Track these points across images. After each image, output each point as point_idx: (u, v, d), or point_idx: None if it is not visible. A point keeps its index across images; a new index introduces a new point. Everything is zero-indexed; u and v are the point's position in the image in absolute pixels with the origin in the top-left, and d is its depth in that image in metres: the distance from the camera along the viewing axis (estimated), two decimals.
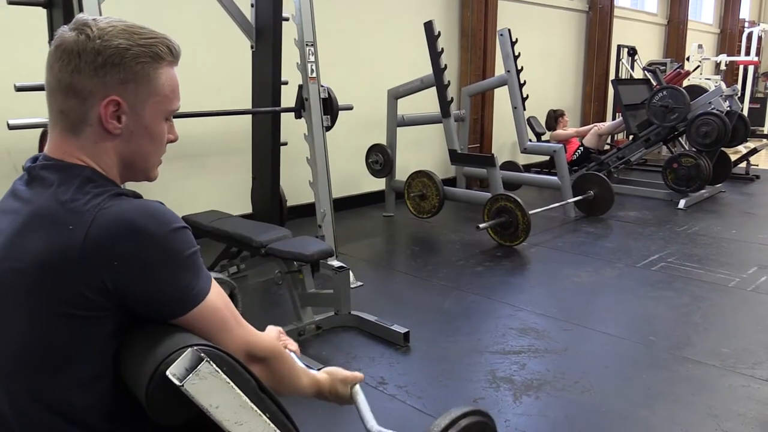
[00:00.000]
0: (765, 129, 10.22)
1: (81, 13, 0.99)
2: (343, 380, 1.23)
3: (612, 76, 8.17)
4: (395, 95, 5.02)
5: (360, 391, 1.25)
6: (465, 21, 6.20)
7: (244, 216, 3.59)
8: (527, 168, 6.51)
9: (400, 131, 5.14)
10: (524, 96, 5.34)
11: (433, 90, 4.59)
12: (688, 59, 9.20)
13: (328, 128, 3.52)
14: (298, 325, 2.79)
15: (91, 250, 0.86)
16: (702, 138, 5.54)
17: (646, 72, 7.07)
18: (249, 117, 3.87)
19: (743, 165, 6.93)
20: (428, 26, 4.43)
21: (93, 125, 0.95)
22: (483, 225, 4.20)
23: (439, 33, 4.41)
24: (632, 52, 8.40)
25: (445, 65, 4.47)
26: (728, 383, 2.42)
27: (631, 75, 8.31)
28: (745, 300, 3.34)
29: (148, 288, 0.90)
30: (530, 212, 4.18)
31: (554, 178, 5.29)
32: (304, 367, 1.18)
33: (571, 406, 2.27)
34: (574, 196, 5.13)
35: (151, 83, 0.96)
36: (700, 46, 9.10)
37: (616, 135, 7.31)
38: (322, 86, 3.46)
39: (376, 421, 1.25)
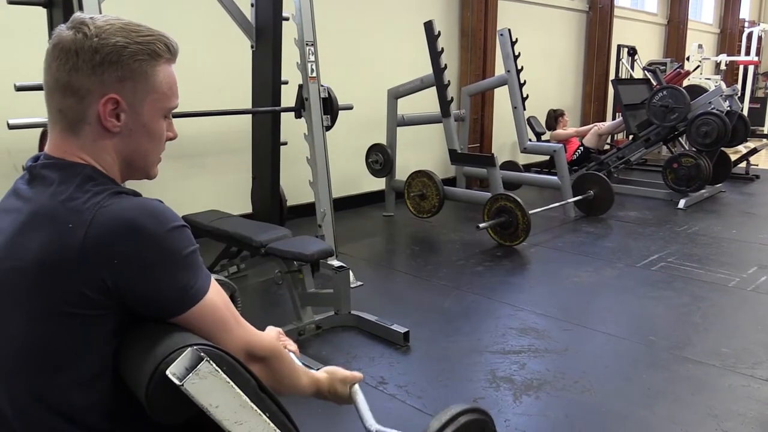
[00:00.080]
0: (765, 129, 10.23)
1: (78, 12, 0.99)
2: (343, 380, 1.23)
3: (612, 76, 8.18)
4: (395, 95, 5.02)
5: (359, 391, 1.25)
6: (465, 21, 6.20)
7: (244, 216, 3.59)
8: (527, 168, 6.51)
9: (400, 131, 5.14)
10: (524, 96, 5.34)
11: (433, 90, 4.59)
12: (688, 59, 9.20)
13: (328, 128, 3.52)
14: (298, 325, 2.79)
15: (91, 249, 0.86)
16: (702, 138, 5.54)
17: (646, 72, 7.07)
18: (249, 117, 3.87)
19: (743, 165, 6.93)
20: (428, 26, 4.43)
21: (92, 124, 0.95)
22: (483, 225, 4.20)
23: (439, 33, 4.41)
24: (632, 52, 8.40)
25: (445, 65, 4.47)
26: (728, 383, 2.42)
27: (631, 75, 8.31)
28: (745, 300, 3.34)
29: (147, 287, 0.90)
30: (530, 212, 4.18)
31: (554, 178, 5.29)
32: (304, 367, 1.18)
33: (571, 406, 2.27)
34: (574, 196, 5.13)
35: (149, 81, 0.96)
36: (700, 46, 9.10)
37: (616, 135, 7.31)
38: (322, 86, 3.46)
39: (376, 421, 1.25)
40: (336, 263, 2.98)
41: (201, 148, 4.34)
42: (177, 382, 0.80)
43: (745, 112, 8.00)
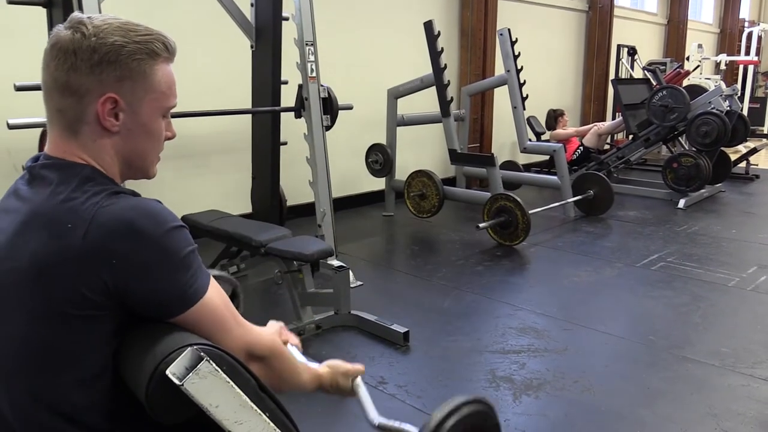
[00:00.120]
0: (765, 128, 10.23)
1: (76, 12, 0.99)
2: (345, 373, 1.23)
3: (612, 76, 8.18)
4: (395, 95, 5.02)
5: (362, 384, 1.25)
6: (465, 20, 6.20)
7: (244, 215, 3.60)
8: (527, 167, 6.51)
9: (400, 131, 5.14)
10: (524, 95, 5.34)
11: (433, 89, 4.59)
12: (688, 59, 9.20)
13: (328, 128, 3.52)
14: (298, 325, 2.79)
15: (91, 249, 0.86)
16: (702, 138, 5.54)
17: (646, 72, 7.07)
18: (249, 117, 3.87)
19: (743, 165, 6.93)
20: (428, 26, 4.43)
21: (90, 123, 0.95)
22: (483, 224, 4.20)
23: (439, 32, 4.41)
24: (632, 52, 8.40)
25: (445, 65, 4.48)
26: (728, 382, 2.42)
27: (631, 75, 8.31)
28: (745, 299, 3.34)
29: (147, 287, 0.90)
30: (530, 212, 4.18)
31: (554, 178, 5.29)
32: (305, 363, 1.18)
33: (571, 406, 2.27)
34: (574, 196, 5.13)
35: (148, 80, 0.96)
36: (700, 46, 9.10)
37: (616, 135, 7.31)
38: (322, 86, 3.46)
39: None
40: (336, 263, 2.99)
41: (201, 148, 4.34)
42: (177, 382, 0.80)
43: (745, 112, 8.01)
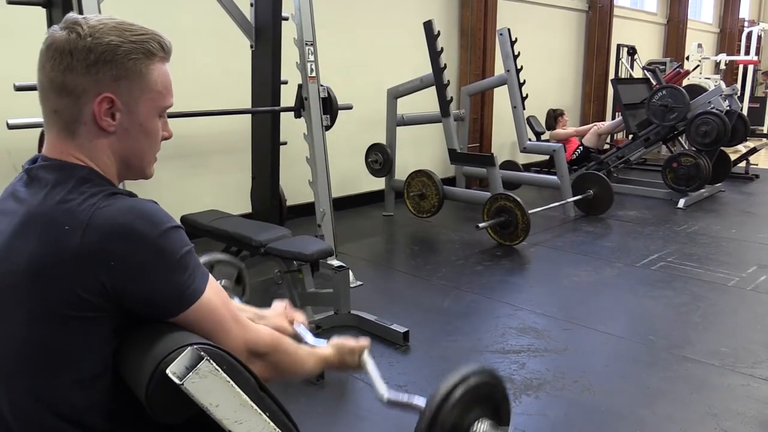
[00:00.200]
0: (764, 128, 10.22)
1: (71, 12, 0.99)
2: (351, 351, 1.26)
3: (612, 76, 8.17)
4: (395, 95, 5.02)
5: (369, 359, 1.27)
6: (464, 20, 6.20)
7: (244, 215, 3.59)
8: (527, 167, 6.51)
9: (400, 131, 5.14)
10: (524, 95, 5.34)
11: (433, 89, 4.59)
12: (688, 59, 9.20)
13: (328, 128, 3.52)
14: None
15: (88, 251, 0.86)
16: (701, 137, 5.54)
17: (646, 71, 7.07)
18: (248, 117, 3.87)
19: (743, 164, 6.93)
20: (428, 26, 4.43)
21: (87, 123, 0.95)
22: (482, 224, 4.20)
23: (439, 32, 4.41)
24: (632, 52, 8.40)
25: (445, 64, 4.48)
26: (727, 382, 2.42)
27: (631, 74, 8.31)
28: (745, 299, 3.34)
29: (144, 288, 0.90)
30: (530, 212, 4.18)
31: (554, 178, 5.29)
32: (308, 348, 1.19)
33: (571, 406, 2.27)
34: (574, 196, 5.13)
35: (144, 80, 0.96)
36: (700, 46, 9.11)
37: (616, 134, 7.31)
38: (322, 86, 3.46)
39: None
40: (336, 263, 2.99)
41: (201, 148, 4.34)
42: (177, 382, 0.81)
43: (745, 112, 8.01)
